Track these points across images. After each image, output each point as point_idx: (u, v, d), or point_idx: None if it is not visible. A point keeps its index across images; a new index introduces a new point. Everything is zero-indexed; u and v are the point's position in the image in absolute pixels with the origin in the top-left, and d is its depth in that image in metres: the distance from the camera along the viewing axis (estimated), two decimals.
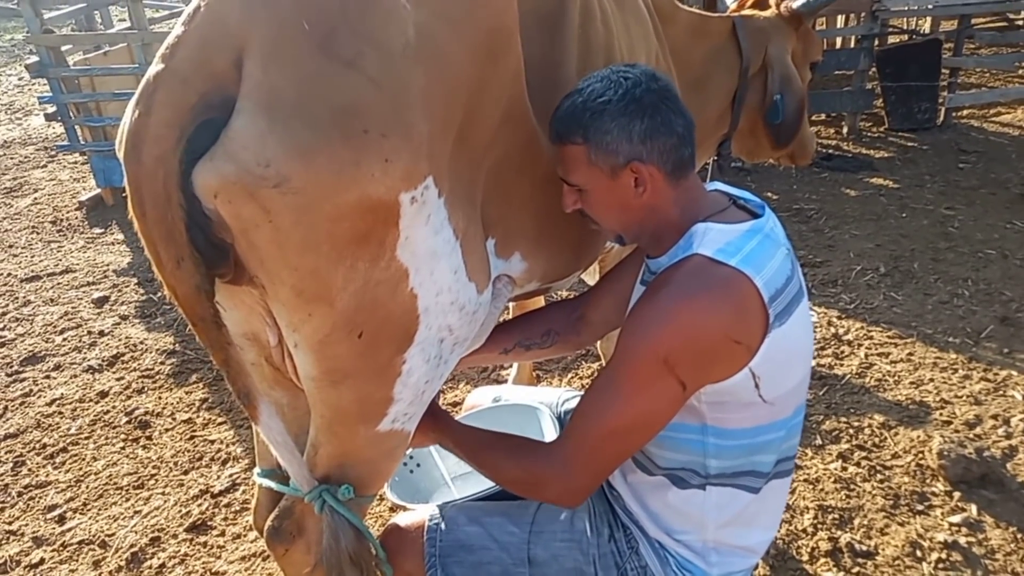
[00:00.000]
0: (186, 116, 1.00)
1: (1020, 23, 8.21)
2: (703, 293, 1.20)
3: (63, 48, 5.70)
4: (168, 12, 9.42)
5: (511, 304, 2.55)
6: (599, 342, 2.51)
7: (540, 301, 2.55)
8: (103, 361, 3.60)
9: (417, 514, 1.58)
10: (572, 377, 3.22)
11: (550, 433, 1.76)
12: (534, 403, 1.88)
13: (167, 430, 3.06)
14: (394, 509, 2.47)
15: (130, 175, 1.01)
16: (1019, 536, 2.21)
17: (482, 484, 1.65)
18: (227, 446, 2.92)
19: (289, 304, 1.14)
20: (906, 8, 6.36)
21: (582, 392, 1.91)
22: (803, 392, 1.38)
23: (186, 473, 2.79)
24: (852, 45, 7.05)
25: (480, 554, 1.48)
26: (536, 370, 3.04)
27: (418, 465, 1.91)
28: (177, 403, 3.23)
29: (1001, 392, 2.91)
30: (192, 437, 2.99)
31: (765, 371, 1.23)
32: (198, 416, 3.13)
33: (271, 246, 1.06)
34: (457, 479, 1.91)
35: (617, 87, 1.26)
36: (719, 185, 1.44)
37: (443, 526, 1.52)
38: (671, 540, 1.42)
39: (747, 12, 2.60)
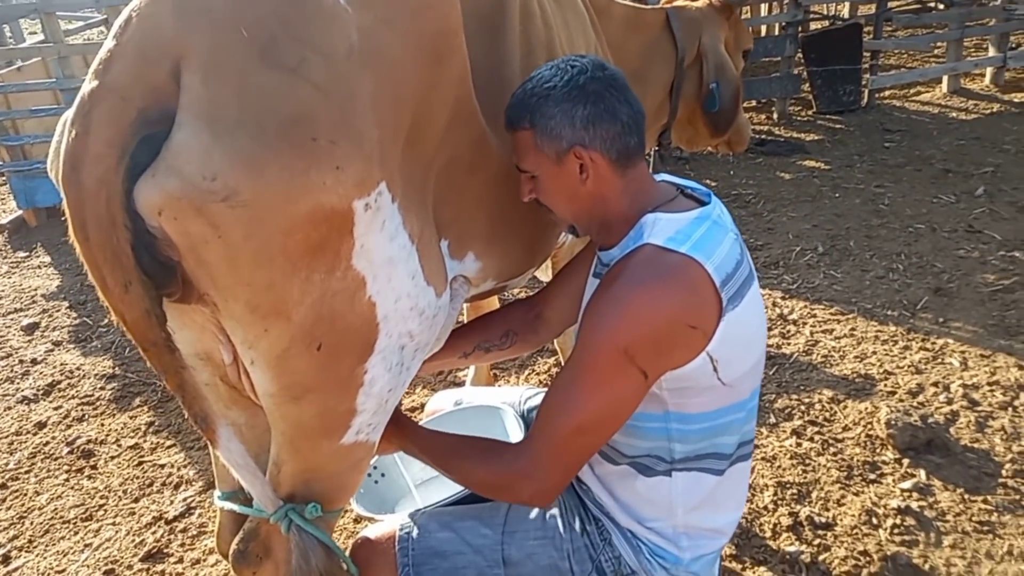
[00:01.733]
0: (127, 133, 0.96)
1: (932, 5, 8.57)
2: (656, 281, 1.22)
3: None
4: (83, 23, 9.06)
5: (465, 307, 2.54)
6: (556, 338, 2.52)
7: (495, 302, 2.54)
8: (38, 391, 3.44)
9: (387, 525, 1.55)
10: (529, 374, 3.22)
11: (515, 432, 1.76)
12: (497, 403, 1.87)
13: (113, 457, 2.94)
14: (359, 521, 2.43)
15: (70, 198, 0.96)
16: (967, 497, 2.31)
17: (450, 489, 1.64)
18: (178, 469, 2.82)
19: (244, 320, 1.10)
20: None
21: (544, 389, 1.91)
22: (759, 374, 1.41)
23: (137, 501, 2.68)
24: (776, 32, 7.24)
25: (454, 559, 1.47)
26: (493, 369, 3.03)
27: (383, 475, 1.88)
28: (122, 429, 3.11)
29: (939, 360, 3.02)
30: (140, 463, 2.89)
31: (722, 354, 1.26)
32: (145, 441, 3.02)
33: (222, 262, 1.03)
34: (422, 486, 1.89)
35: (563, 74, 1.29)
36: (665, 176, 1.47)
37: (415, 534, 1.50)
38: (642, 528, 1.43)
39: (679, 3, 2.65)
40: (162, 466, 2.85)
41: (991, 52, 6.88)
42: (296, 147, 1.01)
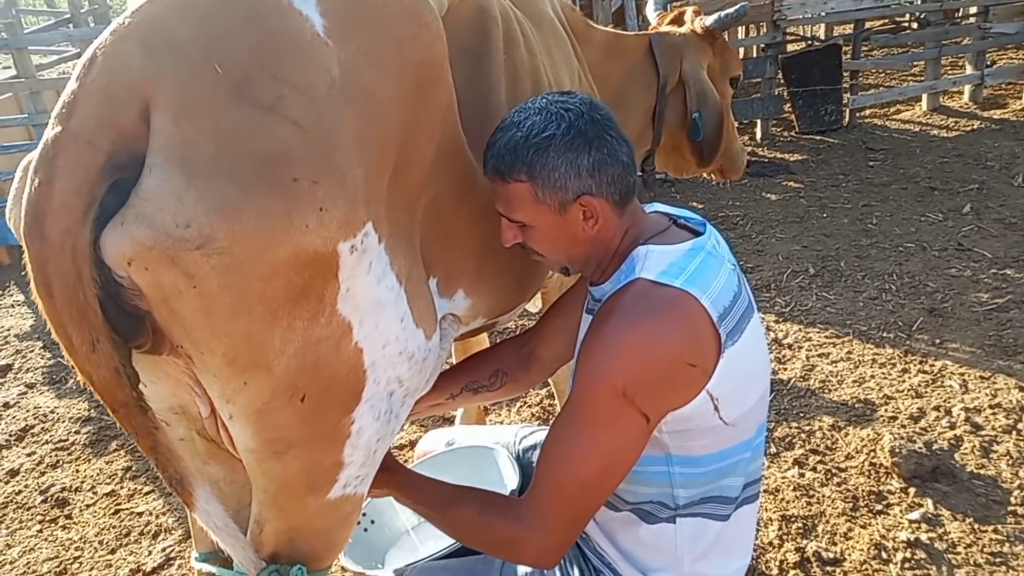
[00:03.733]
0: (95, 180, 0.88)
1: (906, 24, 8.69)
2: (651, 318, 1.16)
3: None
4: (57, 57, 8.98)
5: (453, 346, 2.46)
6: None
7: (484, 340, 2.47)
8: (10, 436, 3.30)
9: None
10: (521, 406, 3.14)
11: (509, 474, 1.68)
12: (490, 444, 1.80)
13: (88, 506, 2.81)
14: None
15: (33, 253, 0.88)
16: (976, 527, 2.24)
17: (444, 536, 1.55)
18: (156, 517, 2.70)
19: (221, 374, 1.03)
20: (802, 16, 6.64)
21: (538, 427, 1.84)
22: (763, 410, 1.34)
23: (113, 552, 2.56)
24: (756, 54, 7.30)
25: None
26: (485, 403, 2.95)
27: (372, 522, 1.79)
28: (97, 475, 2.98)
29: (939, 383, 2.97)
30: (117, 511, 2.76)
31: (723, 392, 1.19)
32: (122, 487, 2.90)
33: (197, 314, 0.95)
34: (415, 531, 1.80)
35: (560, 120, 1.21)
36: (658, 206, 1.41)
37: None
38: None
39: (664, 29, 2.62)
40: (140, 514, 2.73)
41: (968, 70, 6.96)
42: (275, 189, 0.94)
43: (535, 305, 2.29)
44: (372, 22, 1.11)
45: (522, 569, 1.42)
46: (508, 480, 1.67)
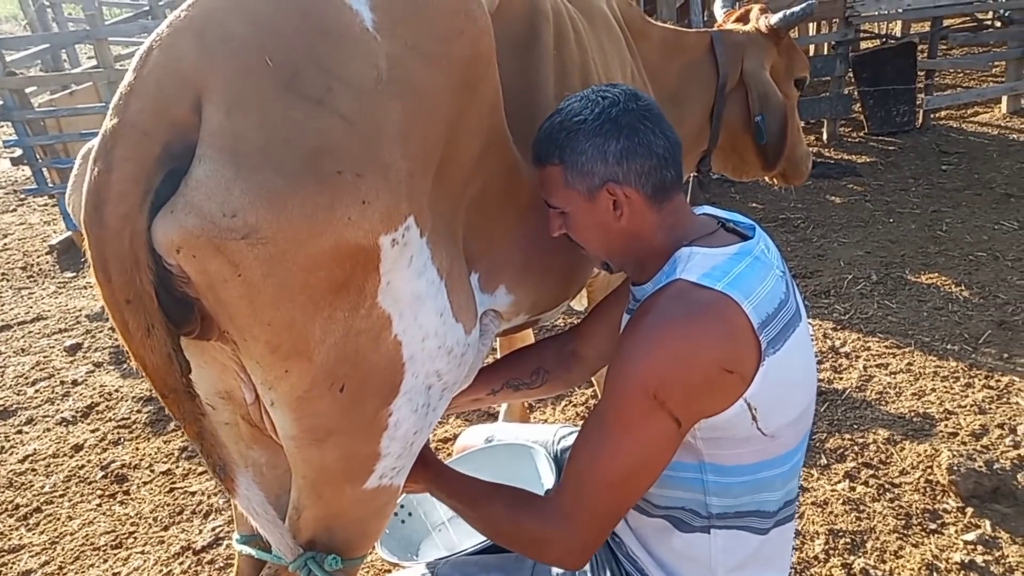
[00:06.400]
0: (151, 169, 0.92)
1: (989, 23, 8.32)
2: (688, 319, 1.13)
3: (28, 90, 5.59)
4: (136, 48, 9.32)
5: (497, 340, 2.47)
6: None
7: (529, 336, 2.46)
8: (77, 412, 3.45)
9: (408, 573, 1.48)
10: (566, 405, 3.12)
11: (546, 474, 1.67)
12: (528, 442, 1.79)
13: (145, 483, 2.92)
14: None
15: (92, 238, 0.92)
16: None
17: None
18: (208, 497, 2.79)
19: (264, 361, 1.05)
20: (877, 13, 6.40)
21: (577, 428, 1.82)
22: (806, 425, 1.29)
23: (166, 529, 2.65)
24: (826, 51, 7.10)
25: None
26: (527, 400, 2.95)
27: (409, 514, 1.81)
28: (155, 453, 3.09)
29: (1005, 399, 2.84)
30: (172, 489, 2.86)
31: (761, 402, 1.15)
32: (177, 467, 3.00)
33: (241, 301, 0.98)
34: (450, 525, 1.81)
35: (594, 106, 1.22)
36: (708, 209, 1.38)
37: None
38: None
39: (728, 27, 2.56)
40: (192, 493, 2.82)
41: None
42: (320, 181, 0.95)
43: (580, 303, 2.28)
44: (420, 17, 1.11)
45: (554, 569, 1.41)
46: (545, 479, 1.66)
